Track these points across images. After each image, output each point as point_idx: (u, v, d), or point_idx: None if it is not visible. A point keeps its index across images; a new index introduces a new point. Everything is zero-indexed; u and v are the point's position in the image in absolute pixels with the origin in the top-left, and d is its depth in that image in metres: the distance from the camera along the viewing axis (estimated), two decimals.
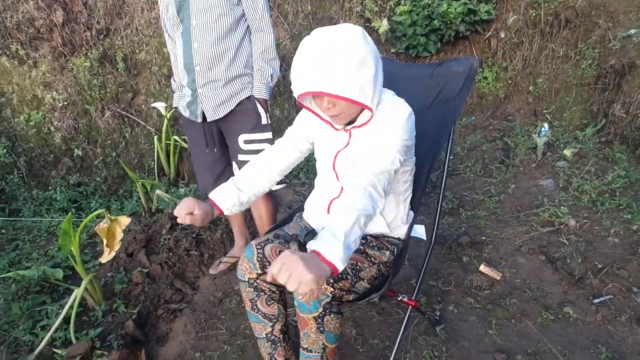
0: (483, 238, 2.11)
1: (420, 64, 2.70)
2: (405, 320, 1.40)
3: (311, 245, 0.91)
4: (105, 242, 1.61)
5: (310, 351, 1.15)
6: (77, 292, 1.69)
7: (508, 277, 1.85)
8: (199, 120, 1.76)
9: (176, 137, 3.08)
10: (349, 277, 1.14)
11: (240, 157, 1.78)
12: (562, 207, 2.14)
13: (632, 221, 2.02)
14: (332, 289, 1.07)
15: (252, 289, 1.26)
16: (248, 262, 1.23)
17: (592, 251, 1.90)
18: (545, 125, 2.97)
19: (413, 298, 1.43)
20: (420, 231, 1.38)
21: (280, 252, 1.25)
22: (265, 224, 1.94)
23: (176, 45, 1.76)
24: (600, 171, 2.42)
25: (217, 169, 1.93)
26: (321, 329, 1.10)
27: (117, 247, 1.65)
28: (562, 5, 3.10)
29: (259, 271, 1.23)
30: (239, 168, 1.81)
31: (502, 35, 3.49)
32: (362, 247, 1.21)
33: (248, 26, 1.70)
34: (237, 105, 1.71)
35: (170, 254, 2.25)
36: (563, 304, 1.67)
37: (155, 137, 3.08)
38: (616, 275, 1.75)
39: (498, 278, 1.83)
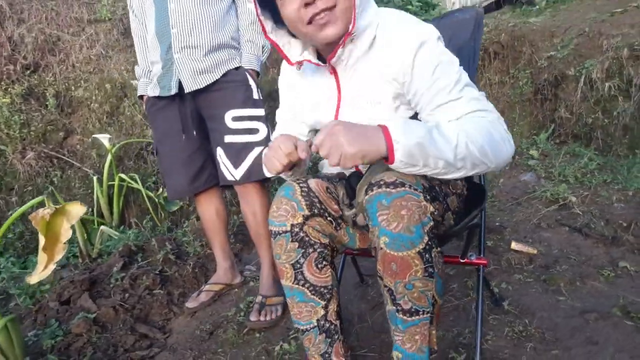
0: (497, 224, 1.95)
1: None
2: (481, 282, 1.10)
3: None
4: (42, 242, 1.08)
5: (415, 312, 0.76)
6: None
7: (543, 250, 1.67)
8: (173, 91, 1.45)
9: (122, 175, 2.60)
10: (440, 198, 0.85)
11: (228, 138, 1.47)
12: (561, 186, 2.11)
13: (626, 189, 2.06)
14: (432, 209, 0.75)
15: (297, 244, 0.88)
16: (289, 201, 0.88)
17: (609, 215, 1.84)
18: None
19: (481, 255, 1.16)
20: None
21: (327, 188, 0.94)
22: (260, 223, 1.56)
23: (145, 17, 1.53)
24: (572, 160, 2.53)
25: (194, 164, 1.57)
26: (430, 270, 0.75)
27: (59, 254, 1.12)
28: (489, 41, 3.56)
29: (307, 212, 0.88)
30: (226, 154, 1.48)
31: None
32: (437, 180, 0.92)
33: (234, 0, 1.56)
34: (223, 76, 1.46)
35: (127, 295, 1.68)
36: (614, 261, 1.51)
37: (95, 178, 2.56)
38: None
39: (535, 252, 1.64)
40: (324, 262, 0.91)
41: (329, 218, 0.92)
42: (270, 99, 3.29)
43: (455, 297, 1.39)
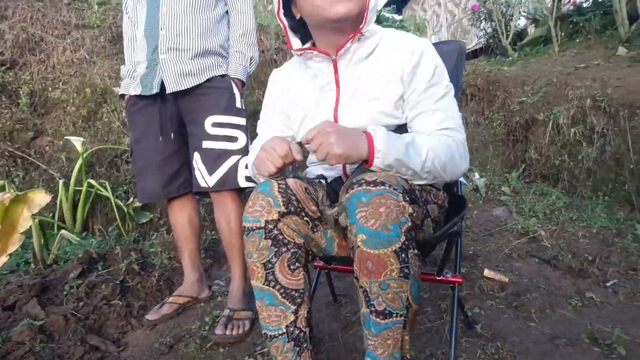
0: (470, 252, 1.97)
1: None
2: (456, 301, 1.09)
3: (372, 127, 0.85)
4: None
5: (389, 315, 0.74)
6: None
7: (514, 279, 1.69)
8: (154, 90, 1.43)
9: (92, 181, 2.48)
10: (419, 202, 0.86)
11: (206, 144, 1.45)
12: (531, 220, 2.18)
13: (591, 226, 2.15)
14: (411, 210, 0.76)
15: (270, 241, 0.86)
16: (265, 197, 0.86)
17: (575, 249, 1.90)
18: (476, 174, 3.25)
19: (457, 273, 1.16)
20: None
21: (306, 188, 0.93)
22: (234, 233, 1.51)
23: (137, 18, 1.53)
24: (541, 198, 2.63)
25: (169, 168, 1.53)
26: (406, 270, 0.74)
27: (14, 245, 1.04)
28: (466, 84, 3.77)
29: (283, 209, 0.86)
30: (202, 160, 1.45)
31: None
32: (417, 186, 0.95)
33: (227, 12, 1.60)
34: (207, 81, 1.46)
35: (81, 304, 1.56)
36: (581, 291, 1.54)
37: (61, 182, 2.44)
38: (609, 263, 1.74)
39: (507, 280, 1.66)
40: (297, 264, 0.88)
41: (305, 218, 0.90)
42: (254, 119, 3.31)
43: (429, 320, 1.37)
